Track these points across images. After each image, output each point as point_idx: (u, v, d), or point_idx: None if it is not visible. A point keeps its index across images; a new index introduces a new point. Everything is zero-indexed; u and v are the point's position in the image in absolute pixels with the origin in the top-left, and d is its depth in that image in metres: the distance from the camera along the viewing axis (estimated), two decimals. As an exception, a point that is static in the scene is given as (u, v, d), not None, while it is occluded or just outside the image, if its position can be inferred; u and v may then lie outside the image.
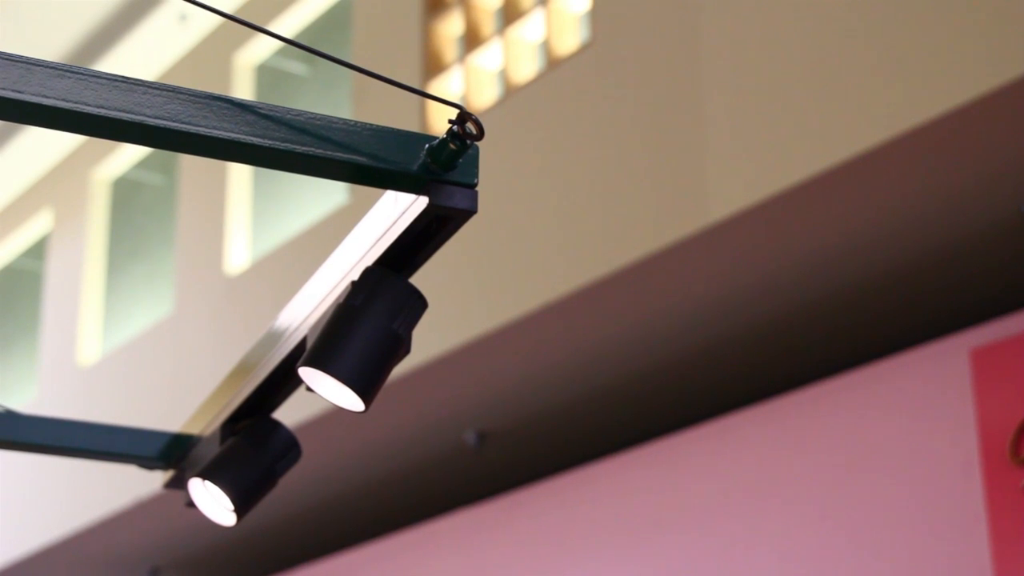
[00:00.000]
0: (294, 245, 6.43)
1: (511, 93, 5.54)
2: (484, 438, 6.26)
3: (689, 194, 4.67)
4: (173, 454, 3.12)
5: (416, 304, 2.20)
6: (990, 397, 4.43)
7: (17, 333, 9.14)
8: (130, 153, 8.08)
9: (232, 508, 2.78)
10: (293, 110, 2.03)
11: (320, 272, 2.46)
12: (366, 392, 2.18)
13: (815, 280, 4.89)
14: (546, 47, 5.50)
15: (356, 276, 2.24)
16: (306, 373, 2.24)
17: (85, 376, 7.84)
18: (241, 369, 2.82)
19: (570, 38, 5.46)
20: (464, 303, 5.42)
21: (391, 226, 2.19)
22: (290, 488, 4.63)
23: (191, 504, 2.89)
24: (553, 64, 5.40)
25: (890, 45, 4.25)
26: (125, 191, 8.31)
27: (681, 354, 5.45)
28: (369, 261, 2.25)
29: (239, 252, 6.96)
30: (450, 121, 2.03)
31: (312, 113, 2.04)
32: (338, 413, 5.75)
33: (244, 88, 7.16)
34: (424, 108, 5.81)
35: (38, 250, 8.89)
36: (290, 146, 2.01)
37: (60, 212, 8.53)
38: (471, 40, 5.82)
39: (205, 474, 2.78)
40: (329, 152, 2.02)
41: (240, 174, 7.05)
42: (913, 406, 4.70)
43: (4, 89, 1.87)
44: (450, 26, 5.98)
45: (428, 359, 5.49)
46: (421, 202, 2.10)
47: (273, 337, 2.66)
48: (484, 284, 5.41)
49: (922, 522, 4.56)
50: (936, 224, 4.54)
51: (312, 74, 7.26)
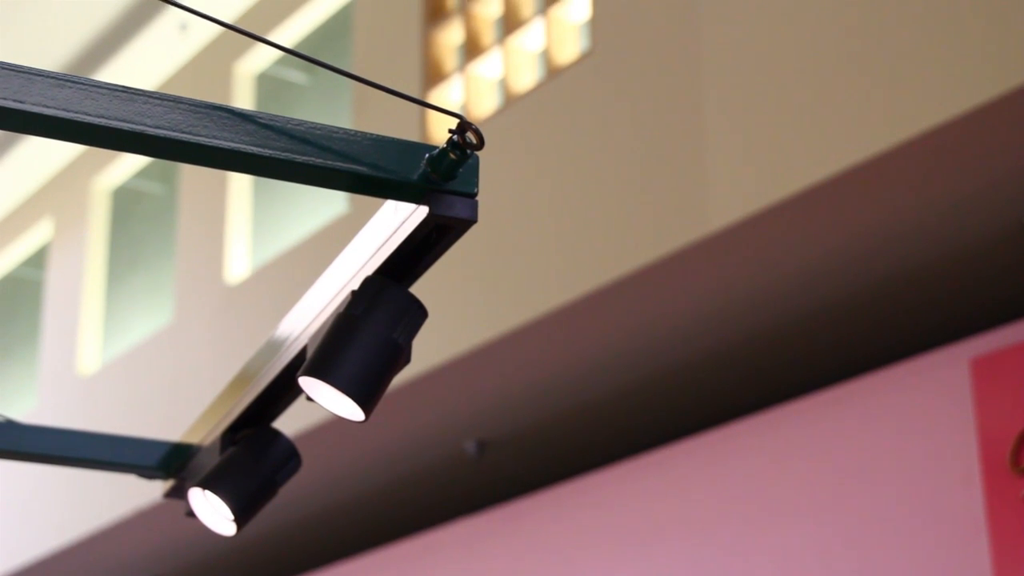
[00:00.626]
0: (294, 254, 6.43)
1: (511, 102, 5.54)
2: (484, 447, 6.26)
3: (689, 204, 4.68)
4: (173, 464, 3.12)
5: (416, 313, 2.20)
6: (990, 406, 4.43)
7: (17, 342, 9.14)
8: (130, 162, 8.08)
9: (232, 518, 2.77)
10: (293, 120, 2.04)
11: (320, 281, 2.46)
12: (366, 402, 2.18)
13: (815, 290, 4.89)
14: (546, 56, 5.51)
15: (356, 285, 2.24)
16: (306, 383, 2.24)
17: (85, 385, 7.84)
18: (241, 378, 2.81)
19: (570, 47, 5.47)
20: (464, 312, 5.42)
21: (391, 235, 2.19)
22: (290, 497, 4.62)
23: (191, 514, 2.89)
24: (553, 73, 5.40)
25: (890, 55, 4.25)
26: (125, 200, 8.31)
27: (680, 364, 5.45)
28: (369, 270, 2.25)
29: (239, 261, 6.96)
30: (450, 131, 2.03)
31: (312, 123, 2.04)
32: (338, 422, 5.74)
33: (244, 97, 7.17)
34: (424, 117, 5.82)
35: (38, 259, 8.89)
36: (290, 156, 2.01)
37: (60, 221, 8.53)
38: (471, 49, 5.83)
39: (205, 484, 2.78)
40: (329, 162, 2.02)
41: (240, 183, 7.05)
42: (913, 416, 4.70)
43: (6, 99, 1.88)
44: (450, 35, 5.98)
45: (428, 368, 5.49)
46: (421, 211, 2.10)
47: (273, 346, 2.66)
48: (484, 293, 5.41)
49: (923, 531, 4.56)
50: (936, 233, 4.54)
51: (312, 83, 7.26)
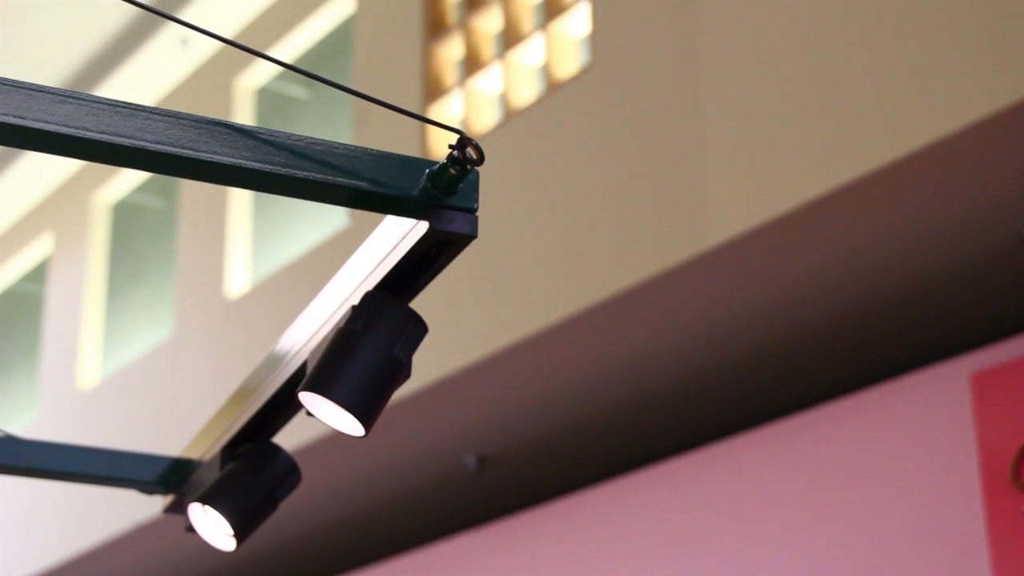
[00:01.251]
0: (294, 269, 6.43)
1: (511, 117, 5.55)
2: (484, 462, 6.25)
3: (689, 217, 4.68)
4: (173, 479, 3.12)
5: (416, 329, 2.20)
6: (990, 421, 4.43)
7: (17, 357, 9.14)
8: (131, 177, 8.09)
9: (232, 533, 2.77)
10: (294, 135, 2.04)
11: (320, 296, 2.46)
12: (366, 417, 2.18)
13: (814, 304, 4.89)
14: (546, 71, 5.52)
15: (356, 300, 2.24)
16: (306, 398, 2.24)
17: (85, 400, 7.83)
18: (241, 393, 2.81)
19: (570, 62, 5.48)
20: (464, 327, 5.42)
21: (391, 250, 2.19)
22: (290, 512, 4.62)
23: (191, 529, 2.89)
24: (553, 88, 5.41)
25: (889, 69, 4.26)
26: (125, 215, 8.32)
27: (680, 378, 5.45)
28: (369, 285, 2.25)
29: (239, 276, 6.96)
30: (450, 146, 2.04)
31: (313, 138, 2.05)
32: (338, 437, 5.74)
33: (245, 112, 7.18)
34: (425, 131, 5.82)
35: (38, 274, 8.89)
36: (291, 171, 2.01)
37: (60, 236, 8.53)
38: (471, 64, 5.84)
39: (205, 499, 2.77)
40: (330, 177, 2.03)
41: (240, 198, 7.06)
42: (913, 430, 4.70)
43: (6, 115, 1.88)
44: (450, 50, 5.99)
45: (428, 383, 5.48)
46: (421, 227, 2.10)
47: (273, 361, 2.66)
48: (484, 308, 5.41)
49: (923, 546, 4.55)
50: (936, 248, 4.55)
51: (313, 98, 7.27)
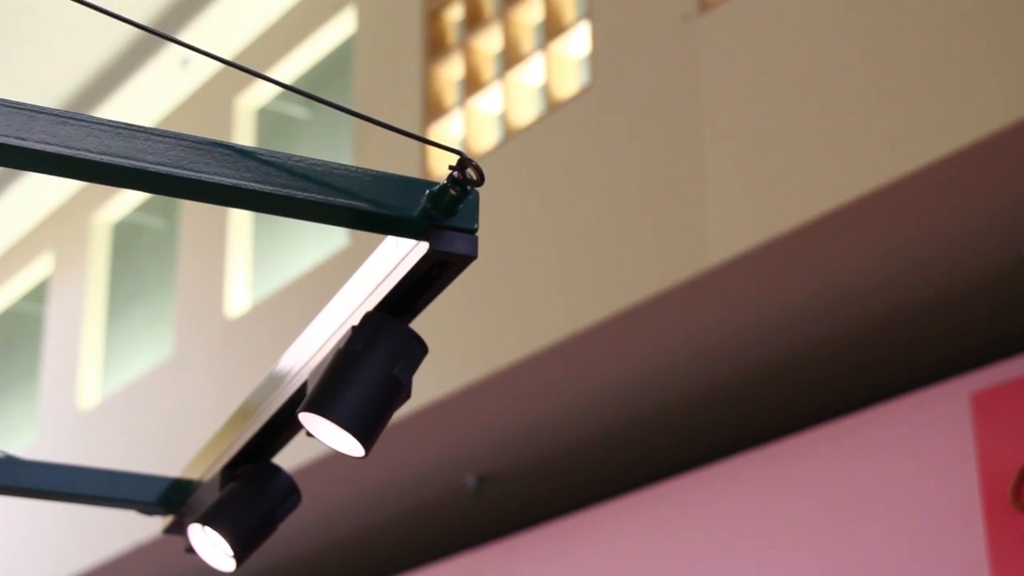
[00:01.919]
0: (294, 288, 6.43)
1: (511, 137, 5.56)
2: (484, 482, 6.24)
3: (689, 237, 4.68)
4: (173, 499, 3.12)
5: (416, 350, 2.20)
6: (991, 441, 4.42)
7: (17, 377, 9.13)
8: (131, 197, 8.10)
9: (231, 554, 2.76)
10: (294, 156, 2.04)
11: (321, 316, 2.46)
12: (366, 437, 2.18)
13: (814, 324, 4.89)
14: (546, 91, 5.53)
15: (357, 321, 2.24)
16: (306, 418, 2.24)
17: (85, 420, 7.83)
18: (241, 413, 2.81)
19: (570, 82, 5.49)
20: (464, 347, 5.42)
21: (392, 271, 2.20)
22: (290, 533, 4.61)
23: (190, 550, 2.88)
24: (553, 108, 5.42)
25: (888, 89, 4.27)
26: (126, 234, 8.32)
27: (680, 398, 5.45)
28: (370, 306, 2.25)
29: (239, 295, 6.96)
30: (450, 167, 2.04)
31: (313, 159, 2.05)
32: (338, 457, 5.73)
33: (245, 132, 7.19)
34: (425, 150, 5.83)
35: (39, 293, 8.89)
36: (291, 192, 2.02)
37: (61, 256, 8.54)
38: (471, 84, 5.85)
39: (205, 519, 2.77)
40: (330, 198, 2.03)
41: (241, 218, 7.07)
42: (914, 450, 4.69)
43: (7, 137, 1.88)
44: (450, 70, 6.00)
45: (428, 403, 5.48)
46: (422, 247, 2.10)
47: (273, 381, 2.66)
48: (484, 328, 5.41)
49: (923, 567, 4.54)
50: (936, 268, 4.55)
51: (313, 118, 7.28)
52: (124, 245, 8.31)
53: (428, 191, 2.07)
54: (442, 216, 2.07)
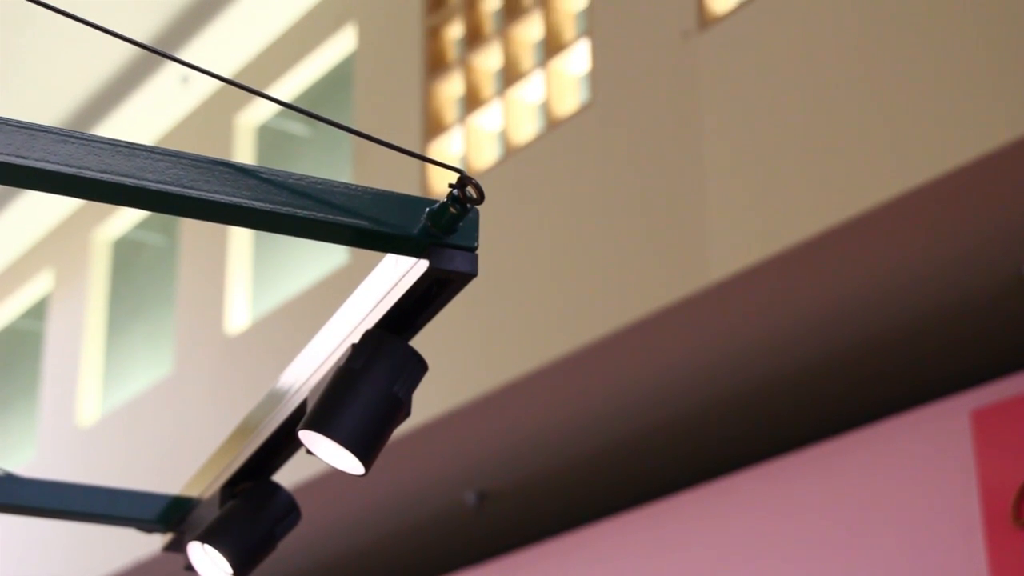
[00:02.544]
0: (294, 305, 6.43)
1: (511, 154, 5.56)
2: (484, 498, 6.24)
3: (689, 254, 4.68)
4: (172, 517, 3.11)
5: (416, 367, 2.20)
6: (991, 459, 4.42)
7: (17, 393, 9.12)
8: (131, 214, 8.10)
9: (231, 572, 2.76)
10: (294, 174, 2.04)
11: (321, 334, 2.46)
12: (366, 456, 2.17)
13: (814, 341, 4.89)
14: (546, 108, 5.53)
15: (356, 339, 2.24)
16: (306, 436, 2.24)
17: (84, 437, 7.82)
18: (241, 431, 2.81)
19: (570, 99, 5.49)
20: (464, 363, 5.42)
21: (391, 289, 2.20)
22: (290, 550, 4.60)
23: (190, 567, 2.88)
24: (553, 125, 5.42)
25: (889, 107, 4.27)
26: (126, 251, 8.32)
27: (681, 414, 5.44)
28: (369, 324, 2.25)
29: (239, 312, 6.96)
30: (450, 185, 2.04)
31: (313, 177, 2.05)
32: (337, 474, 5.72)
33: (245, 149, 7.19)
34: (425, 167, 5.84)
35: (39, 310, 8.89)
36: (291, 210, 2.02)
37: (61, 272, 8.54)
38: (471, 101, 5.86)
39: (204, 537, 2.77)
40: (330, 216, 2.03)
41: (241, 234, 7.07)
42: (914, 468, 4.69)
43: (8, 155, 1.88)
44: (450, 87, 6.01)
45: (428, 419, 5.48)
46: (421, 265, 2.10)
47: (273, 399, 2.66)
48: (484, 344, 5.41)
49: (925, 584, 4.53)
50: (937, 285, 4.55)
51: (313, 135, 7.29)
52: (124, 262, 8.31)
53: (428, 209, 2.07)
54: (442, 234, 2.07)
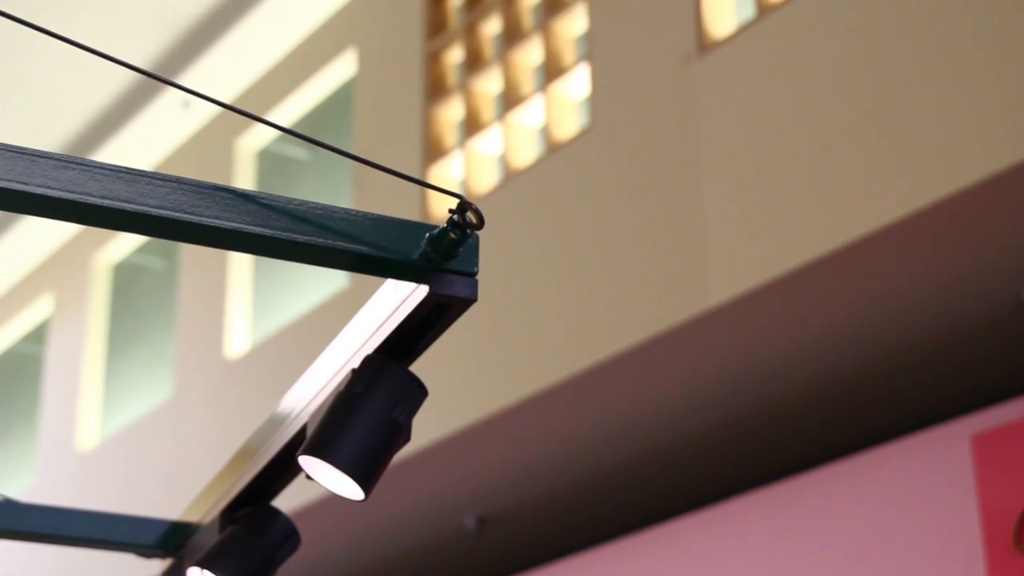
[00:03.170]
0: (294, 329, 6.43)
1: (511, 178, 5.57)
2: (484, 523, 6.22)
3: (689, 278, 4.69)
4: (172, 542, 3.11)
5: (416, 393, 2.20)
6: (992, 483, 4.41)
7: (16, 418, 9.11)
8: (131, 238, 8.11)
9: (231, 597, 2.75)
10: (294, 200, 2.05)
11: (320, 359, 2.46)
12: (366, 481, 2.17)
13: (814, 365, 4.89)
14: (546, 132, 5.54)
15: (356, 364, 2.24)
16: (306, 461, 2.24)
17: (84, 461, 7.81)
18: (241, 456, 2.81)
19: (570, 123, 5.50)
20: (464, 388, 5.41)
21: (391, 314, 2.20)
22: None
23: (189, 593, 2.87)
24: (553, 149, 5.43)
25: (888, 131, 4.28)
26: (126, 275, 8.33)
27: (681, 439, 5.44)
28: (369, 349, 2.25)
29: (239, 336, 6.96)
30: (450, 211, 2.04)
31: (313, 202, 2.05)
32: (337, 499, 5.71)
33: (245, 173, 7.20)
34: (425, 192, 5.85)
35: (38, 335, 8.89)
36: (291, 235, 2.02)
37: (61, 297, 8.54)
38: (471, 125, 5.87)
39: (204, 563, 2.76)
40: (330, 241, 2.03)
41: (241, 259, 7.07)
42: (914, 492, 4.68)
43: (10, 181, 1.89)
44: (450, 112, 6.02)
45: (428, 444, 5.47)
46: (422, 290, 2.10)
47: (273, 424, 2.66)
48: (484, 369, 5.41)
49: (926, 609, 4.52)
50: (936, 309, 4.55)
51: (313, 159, 7.30)
52: (124, 286, 8.31)
53: (428, 234, 2.08)
54: (442, 259, 2.07)
